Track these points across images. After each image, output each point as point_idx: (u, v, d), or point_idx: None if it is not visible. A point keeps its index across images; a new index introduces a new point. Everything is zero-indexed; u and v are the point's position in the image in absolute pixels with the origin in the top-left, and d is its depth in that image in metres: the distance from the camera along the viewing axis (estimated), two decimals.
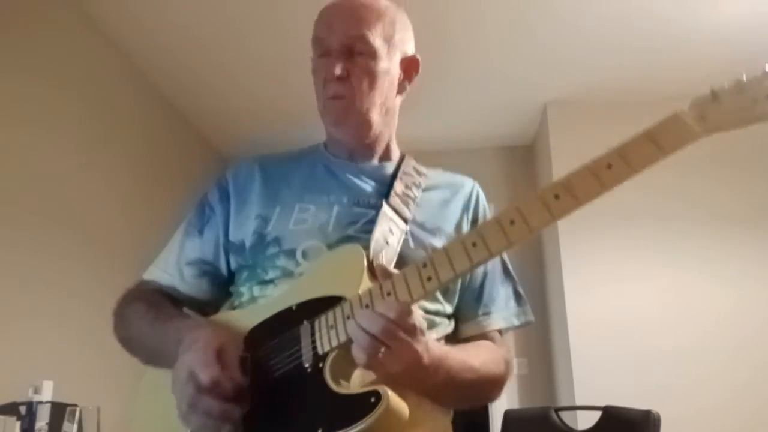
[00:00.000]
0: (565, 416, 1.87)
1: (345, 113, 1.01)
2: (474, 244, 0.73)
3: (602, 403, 1.78)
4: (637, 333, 3.38)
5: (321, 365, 0.76)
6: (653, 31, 3.16)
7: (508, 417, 1.90)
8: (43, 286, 2.49)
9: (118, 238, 2.91)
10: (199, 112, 3.95)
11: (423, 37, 1.14)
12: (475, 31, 3.21)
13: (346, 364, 0.76)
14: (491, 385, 0.96)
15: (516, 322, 1.04)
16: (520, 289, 1.07)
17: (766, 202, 3.53)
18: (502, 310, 1.03)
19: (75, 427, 2.10)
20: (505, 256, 1.07)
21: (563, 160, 3.76)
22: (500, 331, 1.04)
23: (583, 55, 3.38)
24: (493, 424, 3.89)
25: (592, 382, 3.32)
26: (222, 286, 1.04)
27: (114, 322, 1.02)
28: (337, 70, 0.98)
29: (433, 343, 0.81)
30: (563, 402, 3.65)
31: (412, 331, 0.74)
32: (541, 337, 4.04)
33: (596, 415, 1.76)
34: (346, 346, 0.76)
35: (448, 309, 0.99)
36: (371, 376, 0.78)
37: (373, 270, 0.83)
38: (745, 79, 0.70)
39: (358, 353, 0.73)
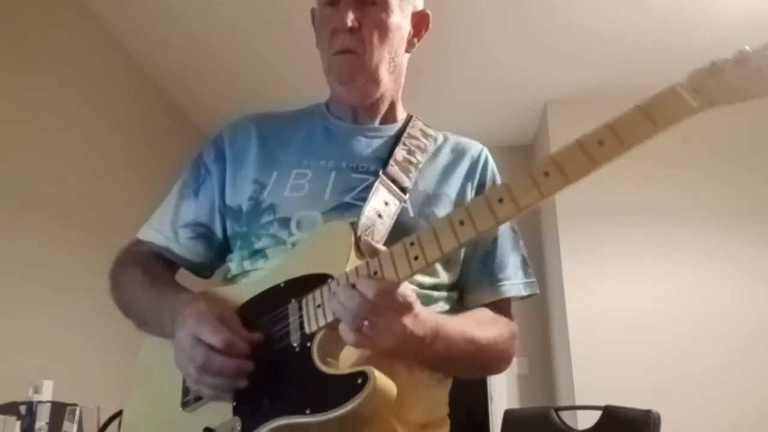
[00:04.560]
0: (565, 416, 1.87)
1: (353, 70, 0.96)
2: (461, 222, 0.71)
3: (603, 402, 1.78)
4: (638, 330, 3.38)
5: (309, 344, 0.76)
6: (655, 28, 3.15)
7: (508, 417, 1.90)
8: (43, 284, 2.49)
9: (119, 236, 2.89)
10: (198, 107, 3.95)
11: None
12: (475, 29, 3.21)
13: (334, 343, 0.76)
14: (495, 356, 0.93)
15: (524, 292, 1.00)
16: (528, 259, 1.04)
17: (765, 198, 3.53)
18: (512, 279, 0.99)
19: (75, 426, 2.10)
20: (515, 224, 1.04)
21: None
22: (509, 302, 1.01)
23: (583, 52, 3.38)
24: (493, 424, 3.89)
25: (593, 380, 3.31)
26: (217, 250, 1.02)
27: (110, 285, 1.00)
28: (349, 21, 0.92)
29: (426, 314, 0.79)
30: (563, 401, 3.65)
31: (397, 307, 0.73)
32: (541, 337, 4.04)
33: (596, 415, 1.76)
34: (333, 325, 0.75)
35: (447, 280, 0.95)
36: (361, 353, 0.78)
37: (360, 248, 0.81)
38: (748, 49, 0.65)
39: (343, 330, 0.73)
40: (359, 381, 0.69)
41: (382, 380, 0.70)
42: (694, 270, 3.46)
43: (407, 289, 0.76)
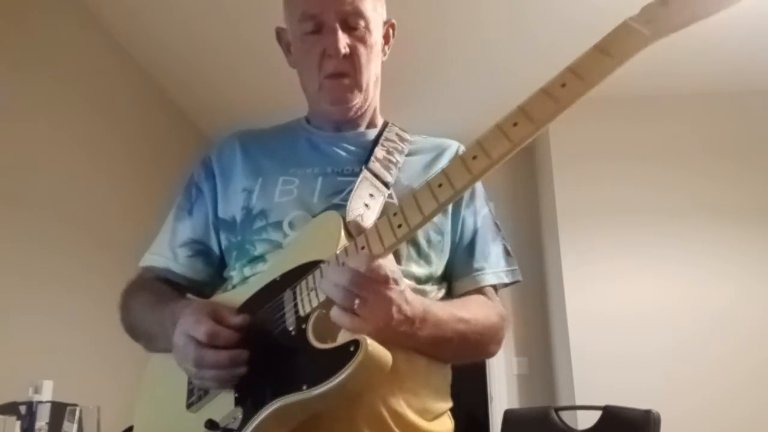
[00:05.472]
0: (565, 416, 1.87)
1: (347, 92, 1.01)
2: (440, 185, 0.73)
3: (603, 402, 1.78)
4: (637, 330, 3.38)
5: (304, 326, 0.77)
6: None
7: (508, 417, 1.90)
8: (43, 284, 2.48)
9: (119, 237, 2.91)
10: (198, 107, 3.95)
11: (422, 34, 1.14)
12: (473, 28, 3.20)
13: (329, 324, 0.77)
14: (485, 336, 0.95)
15: (506, 279, 1.04)
16: (510, 249, 1.08)
17: (765, 198, 3.53)
18: (493, 267, 1.03)
19: (75, 426, 2.10)
20: (496, 219, 1.09)
21: (563, 160, 3.76)
22: (494, 289, 1.04)
23: (583, 52, 3.38)
24: (493, 424, 3.89)
25: (593, 380, 3.32)
26: (216, 266, 1.04)
27: (120, 314, 1.03)
28: (342, 48, 0.96)
29: (412, 296, 0.81)
30: (563, 401, 3.65)
31: (384, 280, 0.75)
32: (540, 336, 4.04)
33: (596, 415, 1.76)
34: (326, 306, 0.77)
35: (438, 271, 0.98)
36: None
37: (350, 231, 0.84)
38: None
39: (335, 313, 0.75)
40: (352, 348, 0.70)
41: (375, 346, 0.71)
42: (694, 270, 3.47)
43: (392, 266, 0.78)
